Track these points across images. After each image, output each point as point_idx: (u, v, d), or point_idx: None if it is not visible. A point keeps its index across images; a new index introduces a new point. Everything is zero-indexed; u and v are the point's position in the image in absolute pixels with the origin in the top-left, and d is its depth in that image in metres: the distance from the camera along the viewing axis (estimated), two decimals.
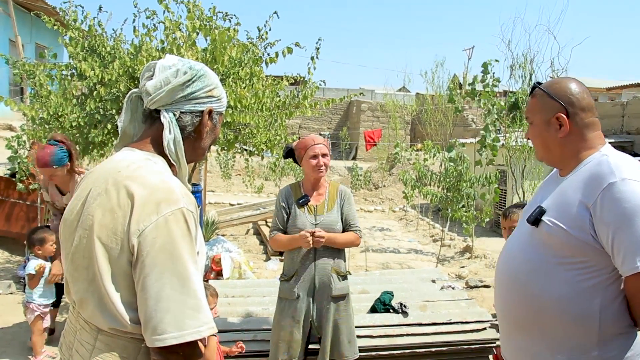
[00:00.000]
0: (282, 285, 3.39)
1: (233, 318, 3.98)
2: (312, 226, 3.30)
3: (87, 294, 1.43)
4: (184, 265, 1.37)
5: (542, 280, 1.85)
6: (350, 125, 23.77)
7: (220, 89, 1.63)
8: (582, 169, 1.86)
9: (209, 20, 5.10)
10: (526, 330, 1.92)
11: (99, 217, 1.41)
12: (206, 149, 1.66)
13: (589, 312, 1.78)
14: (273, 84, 5.85)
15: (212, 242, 6.94)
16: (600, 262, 1.76)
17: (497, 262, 2.16)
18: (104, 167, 1.54)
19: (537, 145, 2.03)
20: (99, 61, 5.22)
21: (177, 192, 1.43)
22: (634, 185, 1.69)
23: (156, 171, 1.47)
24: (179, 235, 1.38)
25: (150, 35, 5.29)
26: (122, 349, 1.43)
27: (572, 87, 1.92)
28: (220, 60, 4.75)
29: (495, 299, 2.13)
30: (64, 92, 5.34)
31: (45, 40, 15.95)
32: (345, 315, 3.40)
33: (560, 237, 1.79)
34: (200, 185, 7.58)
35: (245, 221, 9.81)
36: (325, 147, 3.39)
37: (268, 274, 7.02)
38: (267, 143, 5.61)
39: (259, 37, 5.71)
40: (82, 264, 1.44)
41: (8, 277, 5.99)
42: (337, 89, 25.62)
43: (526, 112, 2.06)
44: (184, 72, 1.54)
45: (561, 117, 1.89)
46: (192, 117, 1.56)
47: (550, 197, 1.93)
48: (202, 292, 1.40)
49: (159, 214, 1.37)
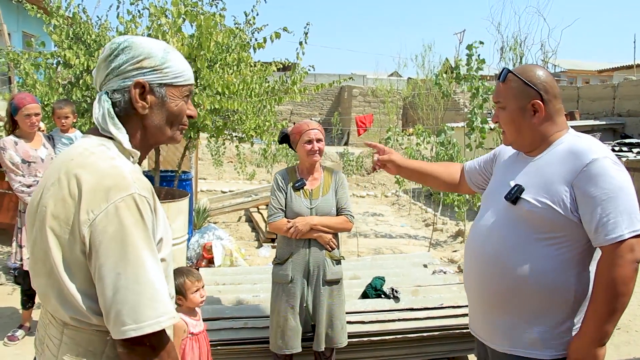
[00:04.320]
0: (275, 269, 3.40)
1: (223, 306, 3.97)
2: (307, 210, 3.34)
3: (48, 287, 1.39)
4: (138, 253, 1.30)
5: (522, 257, 1.93)
6: (341, 110, 23.69)
7: (156, 58, 1.46)
8: (555, 149, 1.98)
9: (195, 6, 5.03)
10: (505, 306, 1.99)
11: (51, 208, 1.35)
12: (161, 127, 1.52)
13: (566, 284, 1.90)
14: (261, 69, 5.80)
15: (204, 229, 6.91)
16: (576, 236, 1.89)
17: (468, 241, 2.20)
18: (61, 156, 1.47)
19: (509, 131, 2.08)
20: (84, 49, 5.15)
21: (127, 177, 1.35)
22: (611, 163, 1.85)
23: (107, 157, 1.39)
24: (131, 223, 1.30)
25: (136, 21, 5.23)
26: (88, 342, 1.38)
27: (544, 75, 2.00)
28: (206, 46, 4.68)
29: (468, 276, 2.18)
30: (50, 81, 5.27)
31: (32, 28, 15.74)
32: (339, 301, 3.42)
33: (542, 214, 1.89)
34: (191, 173, 7.54)
35: (237, 208, 9.76)
36: (319, 132, 3.40)
37: (260, 261, 7.01)
38: (257, 129, 5.57)
39: (246, 22, 5.65)
40: (40, 257, 1.39)
41: None
42: (329, 74, 25.49)
43: (496, 97, 2.09)
44: (109, 48, 1.46)
45: (537, 104, 1.97)
46: (123, 93, 1.45)
47: (524, 176, 2.01)
48: (160, 281, 1.34)
49: (109, 202, 1.30)
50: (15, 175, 4.24)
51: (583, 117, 12.54)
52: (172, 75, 1.50)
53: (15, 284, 5.42)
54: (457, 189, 2.60)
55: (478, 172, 2.47)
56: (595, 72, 29.15)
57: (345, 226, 3.43)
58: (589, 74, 30.04)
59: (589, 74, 30.04)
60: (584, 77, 30.13)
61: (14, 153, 4.24)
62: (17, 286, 5.30)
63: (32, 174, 4.30)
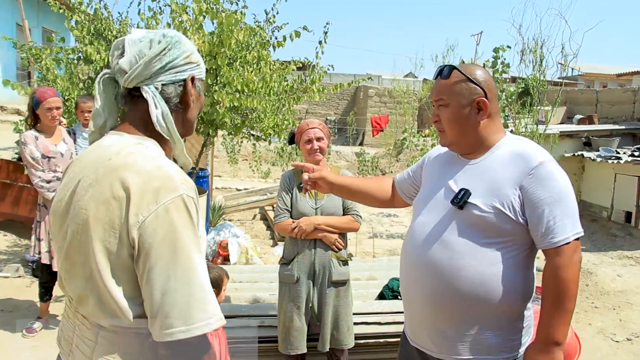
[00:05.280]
0: (282, 269, 3.40)
1: (240, 303, 3.97)
2: (312, 210, 3.32)
3: (86, 290, 1.36)
4: (189, 255, 1.29)
5: (473, 262, 1.89)
6: (357, 110, 23.63)
7: (197, 54, 1.52)
8: (497, 152, 1.97)
9: (216, 3, 5.03)
10: (457, 314, 1.93)
11: (93, 211, 1.31)
12: (194, 121, 1.56)
13: (514, 287, 1.89)
14: (280, 68, 5.80)
15: (219, 227, 6.93)
16: (521, 239, 1.89)
17: (407, 248, 2.10)
18: (92, 154, 1.43)
19: (451, 129, 2.01)
20: (105, 45, 5.19)
21: (175, 178, 1.33)
22: (556, 166, 1.88)
23: (150, 156, 1.37)
24: (181, 224, 1.29)
25: (157, 18, 5.24)
26: (127, 345, 1.36)
27: (485, 74, 1.99)
28: (227, 44, 4.69)
29: (411, 285, 2.07)
30: (71, 76, 5.32)
31: (51, 24, 15.89)
32: (345, 302, 3.39)
33: (492, 218, 1.87)
34: (207, 170, 7.57)
35: (252, 206, 9.79)
36: (320, 131, 3.35)
37: (275, 259, 7.01)
38: (275, 128, 5.56)
39: (266, 21, 5.65)
40: (78, 261, 1.36)
41: (16, 261, 6.00)
42: (344, 74, 25.45)
43: (437, 94, 2.02)
44: (158, 42, 1.43)
45: (482, 101, 1.94)
46: (175, 87, 1.46)
47: (466, 179, 1.97)
48: (208, 283, 1.33)
49: (158, 203, 1.28)
50: (36, 170, 4.28)
51: (602, 121, 12.42)
52: (203, 71, 1.55)
53: (33, 277, 5.49)
54: (391, 204, 2.51)
55: (409, 183, 2.39)
56: (614, 75, 28.83)
57: (351, 226, 3.38)
58: (607, 77, 29.73)
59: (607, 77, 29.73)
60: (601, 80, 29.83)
61: (34, 148, 4.27)
62: (35, 279, 5.36)
63: (52, 169, 4.33)
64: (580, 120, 12.46)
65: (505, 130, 2.04)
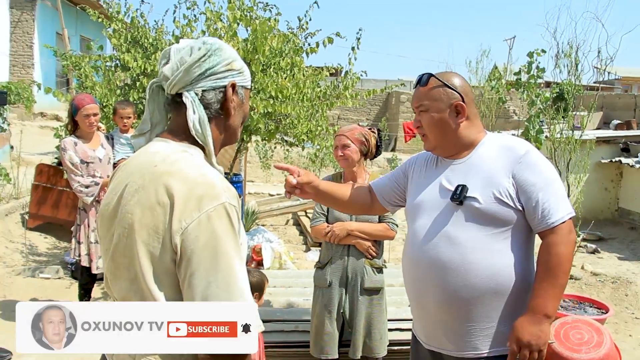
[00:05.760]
0: (316, 273, 3.41)
1: (275, 308, 4.00)
2: (347, 216, 3.29)
3: (130, 293, 1.39)
4: (229, 262, 1.30)
5: (481, 255, 1.95)
6: (389, 116, 23.57)
7: (240, 62, 1.53)
8: (481, 148, 2.07)
9: (250, 11, 5.10)
10: (469, 310, 1.97)
11: (138, 216, 1.35)
12: (238, 128, 1.57)
13: (524, 274, 1.98)
14: (314, 74, 5.83)
15: (253, 232, 6.98)
16: (521, 226, 1.98)
17: (411, 251, 2.13)
18: (138, 160, 1.47)
19: (432, 134, 2.10)
20: (141, 52, 5.30)
21: (218, 186, 1.36)
22: (540, 154, 2.03)
23: (194, 164, 1.40)
24: (223, 232, 1.31)
25: (192, 25, 5.33)
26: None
27: (462, 80, 2.10)
28: (261, 51, 4.75)
29: (418, 287, 2.11)
30: (108, 82, 5.45)
31: (89, 32, 16.29)
32: (379, 310, 3.35)
33: (493, 208, 1.94)
34: (241, 175, 7.64)
35: (285, 212, 9.83)
36: (346, 138, 3.27)
37: (308, 265, 7.01)
38: (309, 134, 5.59)
39: (299, 27, 5.69)
40: (123, 263, 1.39)
41: (56, 263, 6.15)
42: (376, 79, 25.41)
43: (417, 101, 2.11)
44: (198, 48, 1.46)
45: (459, 105, 2.04)
46: (216, 93, 1.47)
47: (458, 177, 2.05)
48: (248, 289, 1.34)
49: (201, 211, 1.30)
50: (75, 175, 4.38)
51: None
52: (248, 79, 1.56)
53: (73, 279, 5.61)
54: (370, 210, 2.54)
55: (391, 189, 2.38)
56: None
57: (386, 234, 3.32)
58: None
59: None
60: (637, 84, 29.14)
61: (73, 154, 4.38)
62: (74, 280, 5.48)
63: (90, 174, 4.44)
64: (617, 125, 12.21)
65: (486, 130, 2.15)
